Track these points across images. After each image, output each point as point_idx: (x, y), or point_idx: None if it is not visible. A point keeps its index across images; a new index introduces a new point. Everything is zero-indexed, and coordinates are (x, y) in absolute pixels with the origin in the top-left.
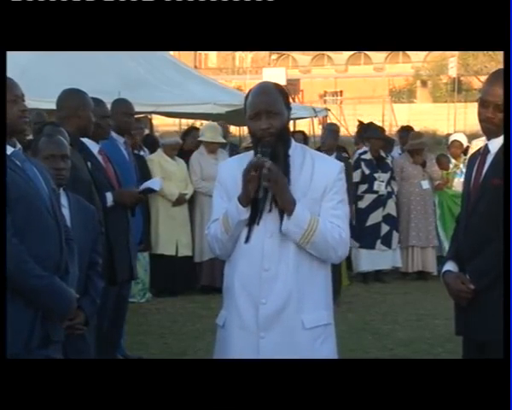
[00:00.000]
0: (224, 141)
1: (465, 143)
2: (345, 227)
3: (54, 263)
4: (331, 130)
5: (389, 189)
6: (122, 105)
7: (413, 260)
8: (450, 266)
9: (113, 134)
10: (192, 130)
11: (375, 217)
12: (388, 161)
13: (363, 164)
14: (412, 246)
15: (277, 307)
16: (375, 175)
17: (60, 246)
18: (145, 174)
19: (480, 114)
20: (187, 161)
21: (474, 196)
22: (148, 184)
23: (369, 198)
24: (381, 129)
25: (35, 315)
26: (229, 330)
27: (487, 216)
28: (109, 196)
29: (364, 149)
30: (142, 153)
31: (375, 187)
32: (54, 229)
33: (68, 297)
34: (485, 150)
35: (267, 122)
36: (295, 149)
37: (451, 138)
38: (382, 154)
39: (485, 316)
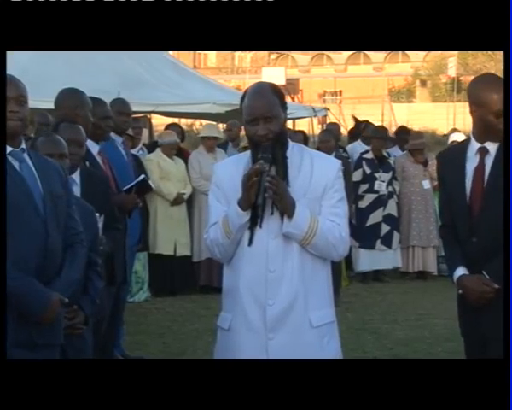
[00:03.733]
0: (219, 136)
1: None
2: (344, 225)
3: (35, 266)
4: (327, 130)
5: (390, 189)
6: (118, 105)
7: (414, 260)
8: (463, 270)
9: (112, 134)
10: (170, 126)
11: (375, 217)
12: (390, 160)
13: (364, 163)
14: (413, 246)
15: (285, 308)
16: (376, 175)
17: (43, 249)
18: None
19: (497, 125)
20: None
21: (481, 199)
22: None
23: (369, 198)
24: (384, 128)
25: (10, 315)
26: (235, 333)
27: (501, 217)
28: None
29: (366, 147)
30: (140, 153)
31: (376, 187)
32: (39, 232)
33: (44, 300)
34: (482, 152)
35: (265, 128)
36: (292, 149)
37: (451, 139)
38: (384, 153)
39: (501, 315)
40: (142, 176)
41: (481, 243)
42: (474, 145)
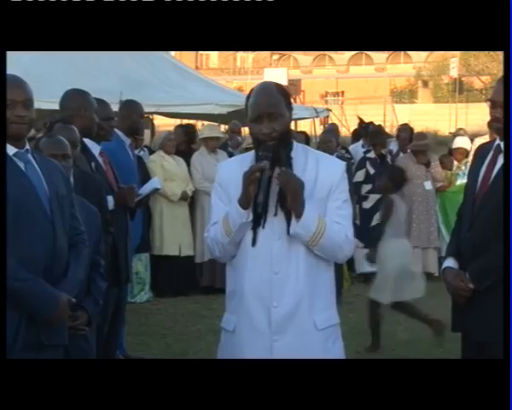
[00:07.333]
0: (220, 136)
1: (469, 148)
2: (350, 227)
3: (44, 267)
4: (328, 130)
5: None
6: (137, 106)
7: None
8: (450, 262)
9: (121, 135)
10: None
11: (379, 217)
12: (388, 159)
13: (368, 163)
14: (413, 247)
15: (290, 310)
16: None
17: (52, 250)
18: (144, 175)
19: (489, 115)
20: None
21: (483, 195)
22: (148, 186)
23: (373, 198)
24: (381, 128)
25: (20, 317)
26: (240, 335)
27: (495, 217)
28: (110, 200)
29: (367, 146)
30: (141, 153)
31: None
32: (47, 233)
33: (54, 301)
34: (496, 150)
35: (269, 126)
36: (297, 150)
37: (457, 144)
38: (383, 152)
39: (484, 317)
40: (154, 186)
41: (473, 240)
42: (496, 142)
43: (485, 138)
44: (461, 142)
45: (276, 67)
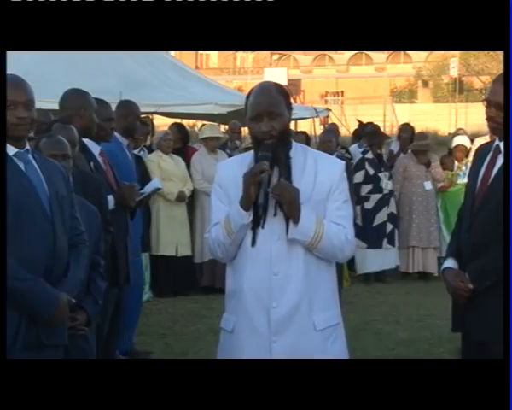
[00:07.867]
0: (220, 136)
1: (469, 146)
2: (350, 228)
3: (44, 267)
4: (328, 130)
5: (390, 187)
6: (134, 107)
7: (413, 261)
8: (450, 262)
9: (118, 136)
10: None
11: (380, 217)
12: (385, 158)
13: (366, 164)
14: (413, 246)
15: (289, 311)
16: (380, 175)
17: (52, 250)
18: (143, 175)
19: (485, 114)
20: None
21: (482, 196)
22: (150, 186)
23: (374, 198)
24: (378, 128)
25: (20, 317)
26: (239, 336)
27: (494, 217)
28: (111, 199)
29: (365, 147)
30: (141, 153)
31: (384, 185)
32: (47, 233)
33: (53, 301)
34: (496, 150)
35: (268, 124)
36: (296, 150)
37: (456, 142)
38: (379, 151)
39: (484, 317)
40: (155, 186)
41: (472, 240)
42: (496, 142)
43: (486, 138)
44: (460, 139)
45: (276, 67)
